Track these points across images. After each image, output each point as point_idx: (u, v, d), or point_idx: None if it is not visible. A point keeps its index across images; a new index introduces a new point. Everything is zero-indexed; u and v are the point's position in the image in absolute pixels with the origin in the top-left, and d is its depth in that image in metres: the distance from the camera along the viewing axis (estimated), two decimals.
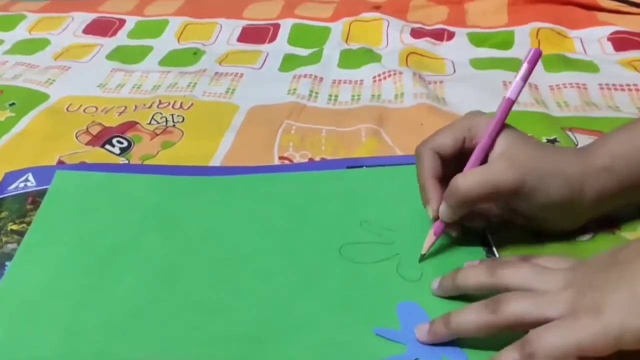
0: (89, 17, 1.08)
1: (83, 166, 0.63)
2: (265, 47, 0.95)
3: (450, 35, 0.93)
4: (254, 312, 0.44)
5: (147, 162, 0.65)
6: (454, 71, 0.84)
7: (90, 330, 0.43)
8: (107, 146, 0.68)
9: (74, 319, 0.44)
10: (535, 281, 0.38)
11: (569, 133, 0.64)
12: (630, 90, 0.73)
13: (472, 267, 0.44)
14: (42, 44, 0.99)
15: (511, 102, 0.48)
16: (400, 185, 0.56)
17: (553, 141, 0.62)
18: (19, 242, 0.51)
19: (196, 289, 0.46)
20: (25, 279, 0.48)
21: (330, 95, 0.78)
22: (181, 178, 0.59)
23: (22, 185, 0.58)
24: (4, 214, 0.54)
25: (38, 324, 0.43)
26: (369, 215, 0.53)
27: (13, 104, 0.79)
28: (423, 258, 0.48)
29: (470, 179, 0.45)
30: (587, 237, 0.50)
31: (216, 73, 0.85)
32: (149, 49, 0.96)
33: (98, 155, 0.67)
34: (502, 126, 0.48)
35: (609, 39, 0.87)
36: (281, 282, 0.46)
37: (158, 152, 0.67)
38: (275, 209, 0.54)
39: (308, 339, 0.41)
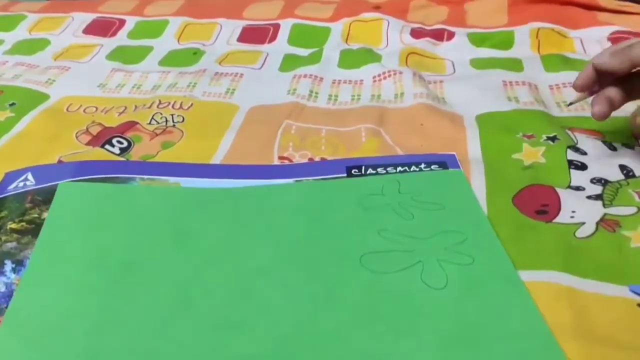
0: (89, 17, 1.08)
1: (83, 164, 0.63)
2: (265, 47, 0.95)
3: (450, 35, 0.93)
4: (277, 327, 0.42)
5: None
6: (454, 71, 0.84)
7: (110, 353, 0.41)
8: (107, 146, 0.68)
9: (93, 342, 0.42)
10: None
11: (569, 132, 0.64)
12: None
13: None
14: (42, 44, 0.99)
15: None
16: (416, 191, 0.55)
17: (553, 139, 0.63)
18: (18, 241, 0.51)
19: (216, 305, 0.44)
20: (37, 300, 0.45)
21: (330, 95, 0.78)
22: (191, 189, 0.58)
23: (21, 184, 0.58)
24: (3, 213, 0.54)
25: (55, 348, 0.41)
26: (387, 223, 0.52)
27: (13, 104, 0.79)
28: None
29: None
30: (586, 234, 0.50)
31: (216, 73, 0.85)
32: (149, 49, 0.96)
33: (98, 155, 0.66)
34: None
35: (609, 39, 0.87)
36: (303, 295, 0.45)
37: (158, 152, 0.67)
38: (290, 219, 0.53)
39: (336, 353, 0.40)
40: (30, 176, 0.59)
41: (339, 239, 0.50)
